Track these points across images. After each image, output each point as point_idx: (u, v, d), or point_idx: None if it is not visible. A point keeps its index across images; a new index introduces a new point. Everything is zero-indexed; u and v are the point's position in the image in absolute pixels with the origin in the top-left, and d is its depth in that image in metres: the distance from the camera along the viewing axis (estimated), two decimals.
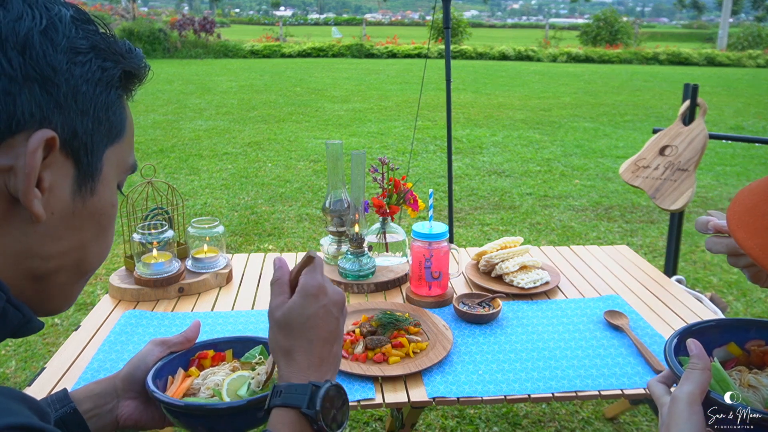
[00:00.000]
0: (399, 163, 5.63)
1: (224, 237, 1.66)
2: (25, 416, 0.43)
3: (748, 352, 0.81)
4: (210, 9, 59.50)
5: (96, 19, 0.57)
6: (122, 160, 0.60)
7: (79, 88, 0.52)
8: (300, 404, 0.73)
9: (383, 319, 1.31)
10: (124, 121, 0.58)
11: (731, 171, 5.87)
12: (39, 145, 0.49)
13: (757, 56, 19.06)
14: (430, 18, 10.35)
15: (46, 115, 0.50)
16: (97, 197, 0.57)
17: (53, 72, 0.50)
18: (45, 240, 0.54)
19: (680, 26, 69.53)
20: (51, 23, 0.51)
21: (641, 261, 1.80)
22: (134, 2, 20.26)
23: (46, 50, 0.50)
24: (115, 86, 0.56)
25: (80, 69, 0.52)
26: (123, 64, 0.56)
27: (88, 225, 0.57)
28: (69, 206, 0.54)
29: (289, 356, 0.78)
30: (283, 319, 0.80)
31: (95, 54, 0.54)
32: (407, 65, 16.08)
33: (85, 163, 0.54)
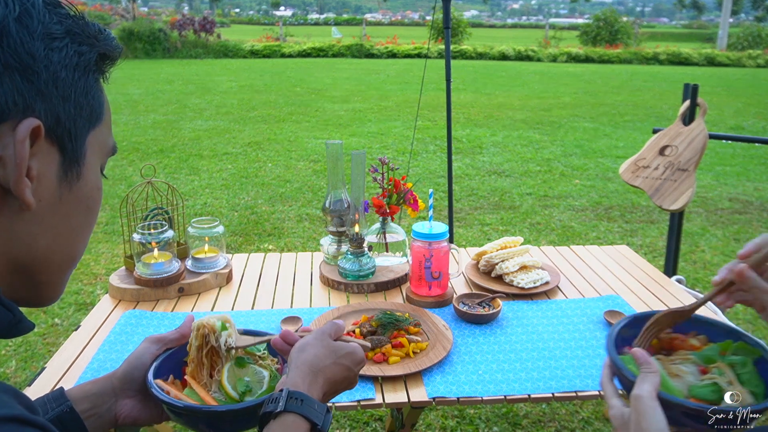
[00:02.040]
0: (399, 163, 5.62)
1: (224, 237, 1.66)
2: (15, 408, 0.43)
3: (659, 340, 0.93)
4: (210, 9, 59.50)
5: (66, 3, 0.56)
6: (103, 142, 0.60)
7: (59, 75, 0.52)
8: (318, 421, 0.75)
9: (383, 319, 1.31)
10: (102, 104, 0.58)
11: (731, 171, 5.87)
12: (26, 134, 0.49)
13: (757, 56, 19.06)
14: (430, 18, 10.35)
15: (29, 103, 0.49)
16: (83, 182, 0.57)
17: (32, 59, 0.49)
18: (34, 228, 0.53)
19: (680, 26, 69.54)
20: (25, 10, 0.50)
21: (641, 261, 1.80)
22: (134, 2, 20.26)
23: (23, 38, 0.49)
24: (92, 70, 0.56)
25: (58, 55, 0.52)
26: (97, 47, 0.56)
27: (76, 211, 0.57)
28: (56, 193, 0.54)
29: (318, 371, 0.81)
30: (340, 348, 0.86)
31: (71, 39, 0.53)
32: (407, 65, 16.08)
33: (70, 149, 0.54)
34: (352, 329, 1.32)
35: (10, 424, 0.41)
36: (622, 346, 0.89)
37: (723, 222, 4.47)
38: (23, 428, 0.42)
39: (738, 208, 4.80)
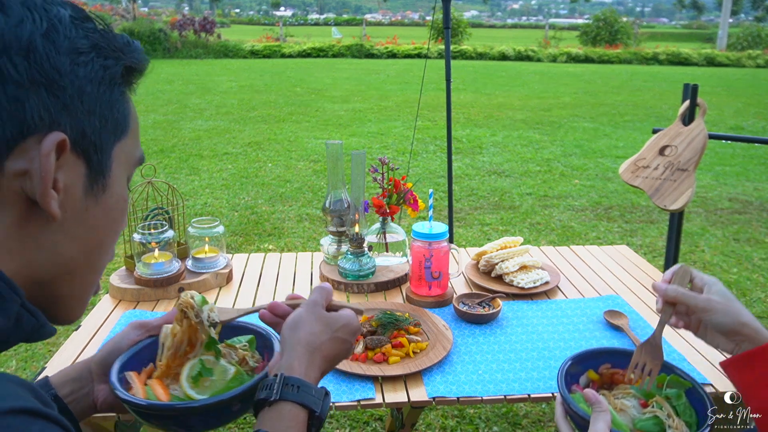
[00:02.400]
0: (399, 163, 5.63)
1: (224, 237, 1.66)
2: (29, 401, 0.43)
3: (601, 375, 1.01)
4: (210, 9, 59.49)
5: (94, 16, 0.56)
6: (130, 154, 0.60)
7: (84, 89, 0.52)
8: (315, 407, 0.72)
9: (383, 319, 1.31)
10: (128, 117, 0.59)
11: (731, 171, 5.87)
12: (52, 148, 0.50)
13: (756, 56, 19.07)
14: (430, 18, 10.35)
15: (54, 117, 0.50)
16: (109, 193, 0.57)
17: (58, 75, 0.50)
18: (60, 238, 0.54)
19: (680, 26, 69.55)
20: (51, 25, 0.50)
21: (641, 261, 1.80)
22: (134, 2, 20.26)
23: (49, 53, 0.50)
24: (118, 83, 0.56)
25: (83, 69, 0.52)
26: (123, 60, 0.56)
27: (102, 222, 0.58)
28: (82, 204, 0.55)
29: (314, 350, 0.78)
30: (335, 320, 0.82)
31: (96, 53, 0.53)
32: (407, 65, 16.08)
33: (96, 162, 0.55)
34: None
35: (24, 416, 0.42)
36: (570, 383, 0.98)
37: (723, 222, 4.47)
38: (37, 420, 0.42)
39: (738, 208, 4.81)
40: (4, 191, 0.49)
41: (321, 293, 0.86)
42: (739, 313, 0.91)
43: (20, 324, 0.52)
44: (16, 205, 0.50)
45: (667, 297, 0.96)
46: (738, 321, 0.90)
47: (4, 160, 0.49)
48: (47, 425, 0.43)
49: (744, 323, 0.90)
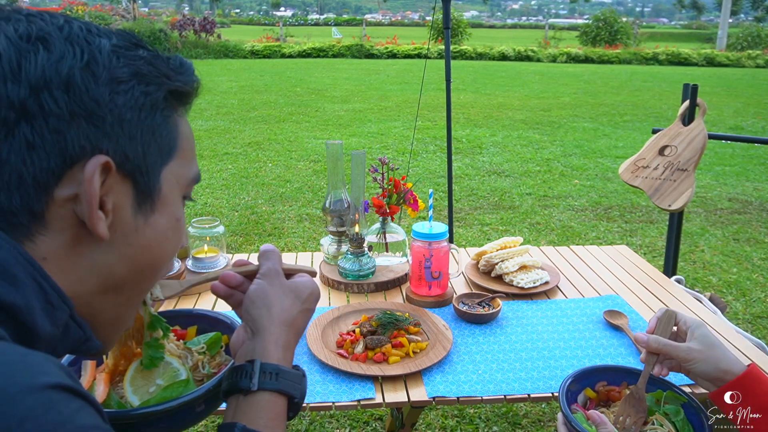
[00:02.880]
0: (399, 163, 5.63)
1: (224, 237, 1.66)
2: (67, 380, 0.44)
3: (598, 393, 1.04)
4: (210, 9, 59.49)
5: (141, 42, 0.58)
6: (181, 175, 0.62)
7: (124, 116, 0.54)
8: (295, 393, 0.69)
9: (383, 319, 1.31)
10: (174, 139, 0.60)
11: (730, 171, 5.87)
12: (94, 171, 0.52)
13: (756, 56, 19.07)
14: (430, 18, 10.35)
15: (95, 145, 0.52)
16: (159, 214, 0.59)
17: (97, 105, 0.52)
18: (112, 259, 0.57)
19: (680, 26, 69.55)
20: (92, 57, 0.53)
21: (641, 261, 1.81)
22: (135, 3, 20.26)
23: (88, 85, 0.52)
24: (161, 108, 0.58)
25: (123, 98, 0.54)
26: (167, 84, 0.58)
27: (153, 241, 0.60)
28: (132, 225, 0.57)
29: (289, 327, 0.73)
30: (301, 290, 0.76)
31: (137, 80, 0.55)
32: (407, 65, 16.08)
33: (142, 183, 0.57)
34: (352, 329, 1.32)
35: (65, 393, 0.43)
36: (570, 403, 0.99)
37: (722, 222, 4.47)
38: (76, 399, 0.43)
39: (737, 208, 4.81)
40: (56, 217, 0.52)
41: (275, 258, 0.78)
42: (719, 361, 0.94)
43: (67, 334, 0.55)
44: (68, 228, 0.53)
45: (650, 348, 1.00)
46: (718, 368, 0.93)
47: (53, 188, 0.51)
48: (84, 404, 0.44)
49: (725, 370, 0.93)
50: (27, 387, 0.41)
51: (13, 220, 0.51)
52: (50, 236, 0.53)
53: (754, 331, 2.91)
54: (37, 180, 0.50)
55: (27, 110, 0.50)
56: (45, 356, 0.46)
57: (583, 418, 0.94)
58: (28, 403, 0.40)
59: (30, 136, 0.50)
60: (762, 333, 2.89)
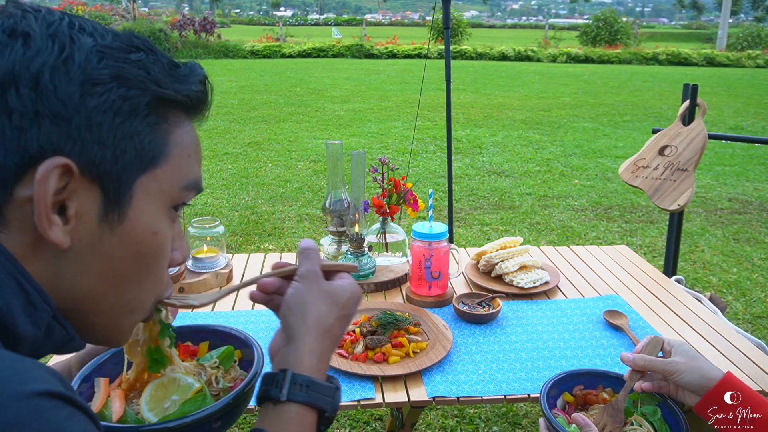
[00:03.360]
0: (399, 163, 5.63)
1: (224, 237, 1.66)
2: (58, 386, 0.43)
3: (576, 397, 1.06)
4: (210, 9, 59.48)
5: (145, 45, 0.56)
6: (167, 186, 0.58)
7: (94, 120, 0.51)
8: (325, 407, 0.67)
9: (383, 319, 1.31)
10: (161, 148, 0.57)
11: (730, 171, 5.87)
12: (47, 173, 0.49)
13: (756, 56, 19.07)
14: (430, 18, 10.35)
15: (57, 146, 0.50)
16: (129, 224, 0.55)
17: (63, 106, 0.50)
18: (77, 267, 0.54)
19: (680, 26, 69.55)
20: (69, 56, 0.51)
21: (641, 261, 1.81)
22: (134, 2, 20.26)
23: (57, 84, 0.50)
24: (142, 114, 0.54)
25: (96, 100, 0.51)
26: (154, 91, 0.55)
27: (123, 254, 0.56)
28: (96, 233, 0.54)
29: (324, 335, 0.70)
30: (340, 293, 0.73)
31: (117, 83, 0.53)
32: (407, 65, 16.08)
33: (111, 191, 0.53)
34: (352, 329, 1.32)
35: (54, 400, 0.42)
36: (550, 408, 1.01)
37: (722, 222, 4.47)
38: (66, 406, 0.43)
39: (737, 208, 4.81)
40: (16, 216, 0.50)
41: (315, 257, 0.75)
42: (703, 369, 0.96)
43: (51, 335, 0.53)
44: (29, 230, 0.51)
45: (636, 366, 1.02)
46: (703, 376, 0.95)
47: (12, 187, 0.50)
48: (75, 411, 0.43)
49: (710, 378, 0.95)
50: (15, 394, 0.40)
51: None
52: (11, 236, 0.51)
53: (754, 331, 2.91)
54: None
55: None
56: (35, 362, 0.45)
57: (564, 421, 0.96)
58: (15, 411, 0.39)
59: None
60: (762, 333, 2.89)
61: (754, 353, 1.29)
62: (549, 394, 1.03)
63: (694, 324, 1.43)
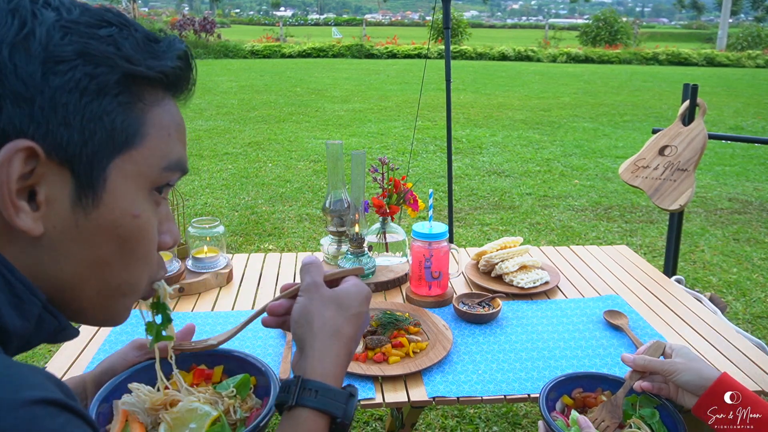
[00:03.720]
0: (399, 163, 5.62)
1: (224, 237, 1.66)
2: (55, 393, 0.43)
3: (574, 400, 1.07)
4: (210, 9, 59.47)
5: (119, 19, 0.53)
6: (145, 167, 0.55)
7: (58, 100, 0.48)
8: (338, 413, 0.68)
9: (383, 318, 1.31)
10: (135, 128, 0.54)
11: (730, 171, 5.87)
12: (10, 156, 0.47)
13: (756, 56, 19.07)
14: (430, 18, 10.35)
15: (20, 129, 0.47)
16: (105, 208, 0.53)
17: (24, 86, 0.47)
18: (55, 254, 0.52)
19: (680, 26, 69.55)
20: (30, 32, 0.48)
21: (641, 261, 1.81)
22: (134, 3, 20.26)
23: (18, 63, 0.47)
24: (113, 93, 0.51)
25: (60, 79, 0.48)
26: (124, 67, 0.52)
27: (99, 239, 0.54)
28: (70, 219, 0.51)
29: (333, 338, 0.71)
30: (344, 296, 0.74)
31: (83, 60, 0.49)
32: (407, 65, 16.08)
33: (83, 174, 0.51)
34: None
35: (51, 408, 0.41)
36: (549, 411, 1.01)
37: (722, 222, 4.47)
38: (62, 413, 0.42)
39: (737, 208, 4.81)
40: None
41: (315, 270, 0.76)
42: (701, 370, 0.98)
43: (42, 325, 0.52)
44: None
45: (636, 366, 1.04)
46: (701, 376, 0.97)
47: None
48: (72, 418, 0.43)
49: (707, 378, 0.96)
50: (9, 403, 0.39)
51: None
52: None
53: (754, 331, 2.91)
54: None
55: None
56: (30, 367, 0.44)
57: (563, 424, 0.97)
58: (9, 420, 0.39)
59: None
60: (762, 333, 2.89)
61: (754, 353, 1.29)
62: (548, 396, 1.03)
63: (694, 324, 1.43)
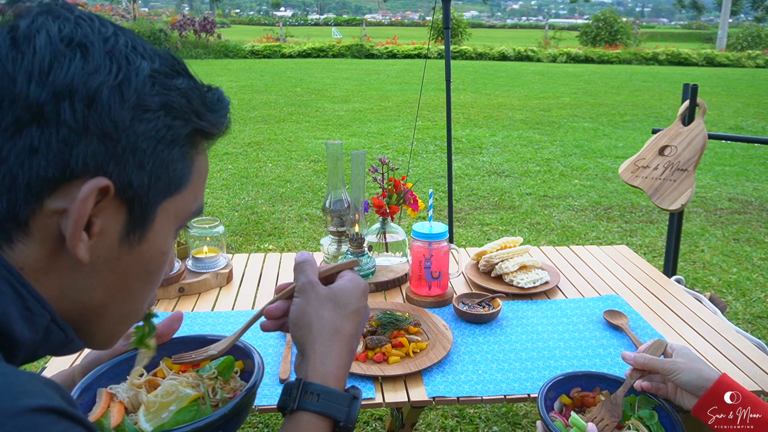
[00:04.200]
0: (399, 163, 5.62)
1: (224, 237, 1.66)
2: (55, 400, 0.43)
3: (573, 399, 1.07)
4: (210, 9, 59.46)
5: (184, 71, 0.56)
6: (182, 209, 0.60)
7: (139, 145, 0.52)
8: (340, 417, 0.68)
9: (383, 319, 1.31)
10: (187, 175, 0.58)
11: (730, 171, 5.87)
12: (90, 193, 0.50)
13: (756, 56, 19.07)
14: (430, 18, 10.35)
15: (101, 165, 0.50)
16: (146, 245, 0.57)
17: (114, 127, 0.50)
18: (90, 281, 0.55)
19: (679, 26, 69.54)
20: (126, 78, 0.51)
21: (641, 261, 1.81)
22: (134, 2, 20.26)
23: (112, 105, 0.50)
24: (180, 144, 0.55)
25: (144, 126, 0.52)
26: (194, 123, 0.56)
27: (134, 272, 0.57)
28: (115, 251, 0.55)
29: (334, 338, 0.72)
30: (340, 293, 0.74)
31: (165, 112, 0.53)
32: (407, 65, 16.08)
33: (138, 213, 0.54)
34: None
35: (50, 415, 0.41)
36: (548, 410, 1.01)
37: (722, 222, 4.47)
38: (62, 420, 0.42)
39: (737, 208, 4.81)
40: (40, 227, 0.50)
41: (309, 269, 0.76)
42: (702, 370, 0.98)
43: (49, 337, 0.53)
44: (50, 241, 0.51)
45: (636, 364, 1.04)
46: (701, 377, 0.97)
47: (44, 197, 0.49)
48: (72, 425, 0.43)
49: (707, 378, 0.96)
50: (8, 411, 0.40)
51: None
52: (30, 246, 0.51)
53: (754, 331, 2.91)
54: (30, 186, 0.49)
55: (42, 114, 0.48)
56: (29, 374, 0.44)
57: (561, 425, 0.97)
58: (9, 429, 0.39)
59: (36, 140, 0.48)
60: (762, 333, 2.89)
61: (754, 353, 1.29)
62: (546, 396, 1.03)
63: (694, 324, 1.43)
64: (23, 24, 0.50)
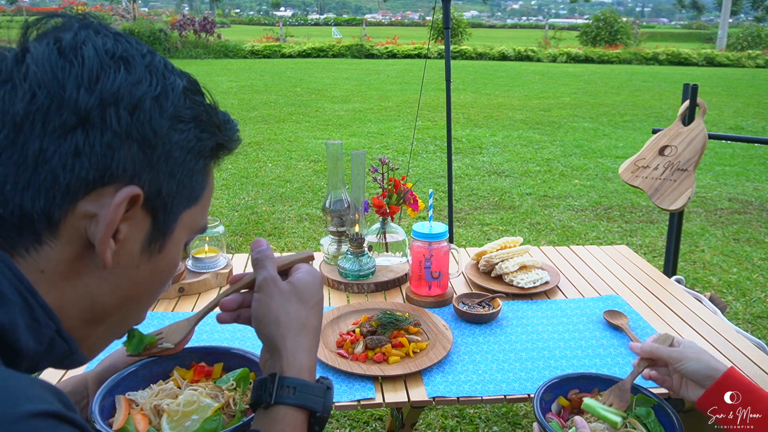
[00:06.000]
0: (399, 163, 5.62)
1: (224, 237, 1.66)
2: (54, 404, 0.43)
3: (571, 401, 1.07)
4: (210, 9, 59.46)
5: (205, 90, 0.62)
6: (194, 222, 0.63)
7: (172, 153, 0.56)
8: (317, 407, 0.70)
9: (383, 319, 1.31)
10: (203, 188, 0.62)
11: (730, 171, 5.87)
12: (124, 200, 0.52)
13: (756, 56, 19.06)
14: (430, 18, 10.35)
15: (137, 172, 0.53)
16: (163, 255, 0.60)
17: (153, 135, 0.54)
18: (104, 287, 0.57)
19: (680, 26, 69.51)
20: (164, 91, 0.55)
21: (641, 261, 1.81)
22: (134, 2, 20.26)
23: (153, 114, 0.54)
24: (205, 156, 0.60)
25: (178, 136, 0.56)
26: (217, 136, 0.61)
27: (147, 280, 0.60)
28: (135, 259, 0.57)
29: (302, 332, 0.73)
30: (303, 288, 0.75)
31: (195, 124, 0.58)
32: (407, 65, 16.08)
33: (161, 222, 0.58)
34: (352, 329, 1.32)
35: (50, 420, 0.42)
36: (544, 412, 1.02)
37: (722, 222, 4.47)
38: (62, 425, 0.42)
39: (737, 208, 4.81)
40: (69, 228, 0.52)
41: (269, 264, 0.76)
42: (709, 360, 0.98)
43: (53, 349, 0.54)
44: (76, 243, 0.53)
45: (644, 353, 1.05)
46: (709, 366, 0.97)
47: (78, 199, 0.52)
48: (71, 430, 0.43)
49: (715, 368, 0.96)
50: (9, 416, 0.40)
51: (25, 227, 0.51)
52: (56, 248, 0.52)
53: (754, 331, 2.91)
54: (69, 187, 0.51)
55: (89, 119, 0.51)
56: (30, 379, 0.44)
57: (558, 426, 0.97)
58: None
59: (81, 144, 0.50)
60: (762, 333, 2.89)
61: (754, 353, 1.29)
62: (543, 398, 1.03)
63: (694, 324, 1.43)
64: (68, 36, 0.53)
